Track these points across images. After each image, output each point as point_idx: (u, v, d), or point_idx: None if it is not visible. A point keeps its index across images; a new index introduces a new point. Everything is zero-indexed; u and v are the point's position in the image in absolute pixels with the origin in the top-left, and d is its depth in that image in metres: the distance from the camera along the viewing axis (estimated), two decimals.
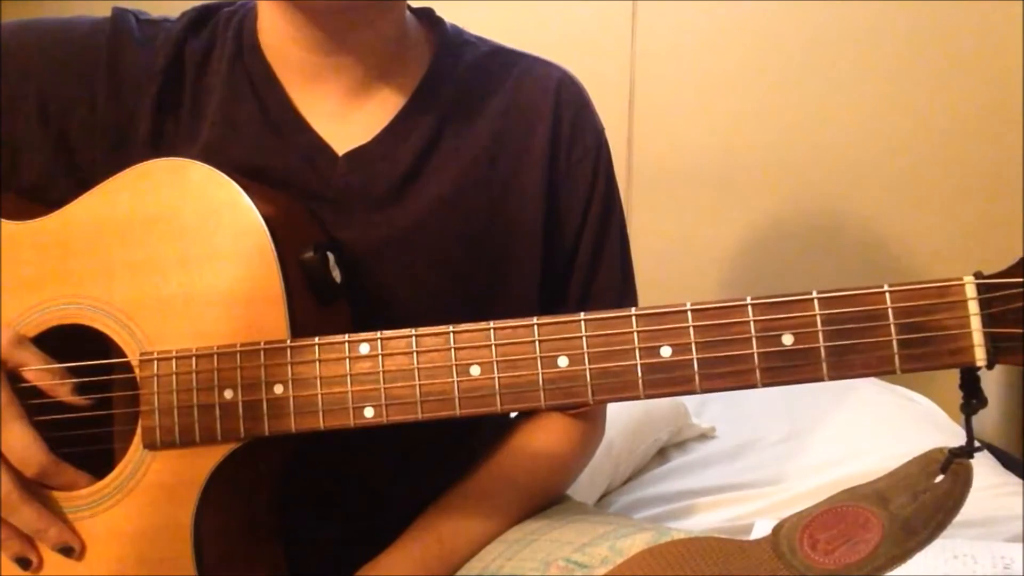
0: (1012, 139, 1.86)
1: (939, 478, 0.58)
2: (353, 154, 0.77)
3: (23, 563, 0.68)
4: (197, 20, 0.80)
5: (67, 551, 0.68)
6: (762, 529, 1.17)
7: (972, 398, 0.57)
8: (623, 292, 0.84)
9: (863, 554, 0.56)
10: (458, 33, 0.85)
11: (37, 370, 0.68)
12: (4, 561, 0.69)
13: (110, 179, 0.70)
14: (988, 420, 1.82)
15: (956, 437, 1.56)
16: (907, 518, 0.56)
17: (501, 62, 0.83)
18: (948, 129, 1.89)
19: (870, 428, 1.48)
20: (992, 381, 1.75)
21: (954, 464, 0.58)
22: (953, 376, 0.58)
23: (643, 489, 1.34)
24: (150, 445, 0.66)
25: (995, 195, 1.89)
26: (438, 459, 0.82)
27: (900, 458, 1.40)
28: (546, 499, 0.85)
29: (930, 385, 1.72)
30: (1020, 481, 1.36)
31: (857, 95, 1.90)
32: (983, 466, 1.41)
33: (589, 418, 0.86)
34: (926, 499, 0.57)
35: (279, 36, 0.77)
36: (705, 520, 1.24)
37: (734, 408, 1.58)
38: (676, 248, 1.95)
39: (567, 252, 0.83)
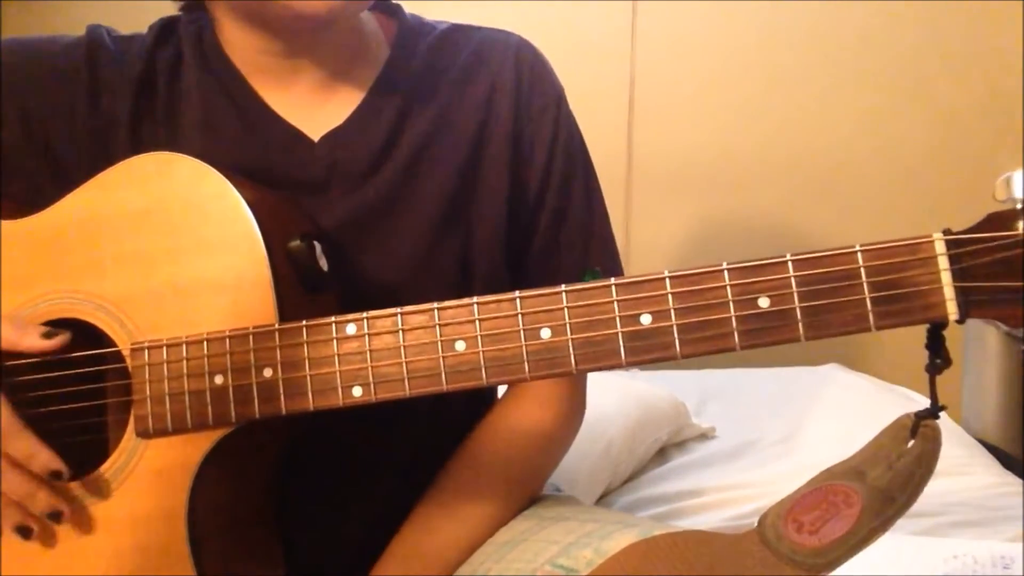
0: (1012, 141, 1.87)
1: (910, 444, 0.59)
2: (329, 136, 0.79)
3: (23, 532, 0.68)
4: (163, 31, 0.83)
5: (56, 516, 0.68)
6: None
7: (936, 357, 0.58)
8: (587, 248, 0.85)
9: (846, 528, 0.57)
10: (416, 18, 0.88)
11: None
12: (5, 559, 0.70)
13: (99, 175, 0.72)
14: (988, 420, 1.82)
15: (955, 437, 1.57)
16: (884, 487, 0.58)
17: (461, 35, 0.86)
18: (948, 130, 1.91)
19: (869, 428, 1.47)
20: (992, 380, 1.76)
21: (922, 427, 0.59)
22: (953, 376, 0.59)
23: (643, 489, 1.35)
24: (143, 433, 0.67)
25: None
26: (436, 444, 0.83)
27: None
28: (534, 479, 0.86)
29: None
30: (1020, 481, 1.36)
31: (858, 95, 1.92)
32: (983, 466, 1.42)
33: (567, 389, 0.86)
34: (900, 466, 0.58)
35: (242, 45, 0.79)
36: (705, 520, 1.24)
37: (734, 408, 1.59)
38: (675, 247, 1.96)
39: (532, 203, 0.84)
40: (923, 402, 1.66)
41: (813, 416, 1.53)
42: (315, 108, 0.80)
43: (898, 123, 1.92)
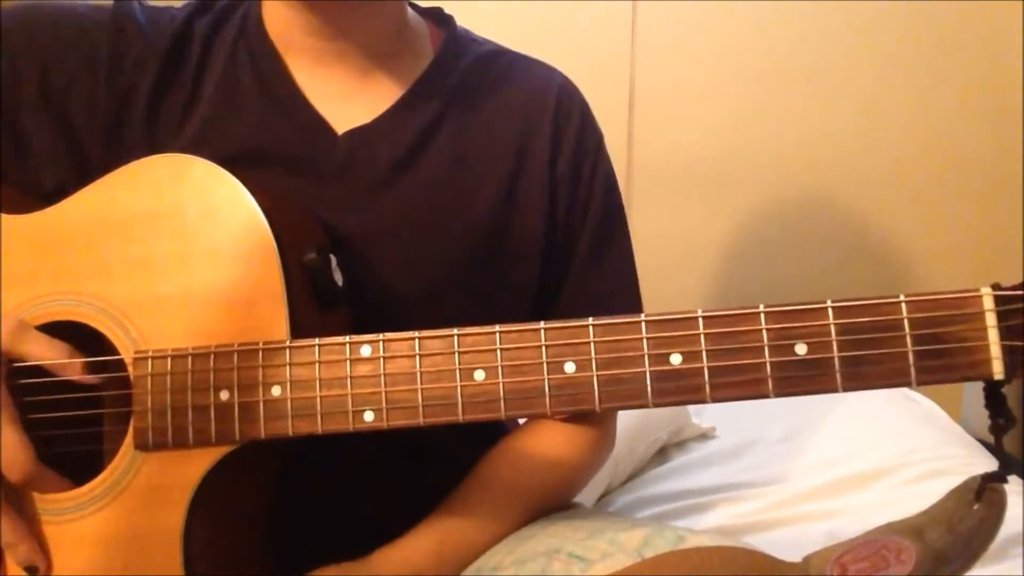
0: (1012, 140, 1.85)
1: (975, 507, 0.57)
2: (353, 133, 0.77)
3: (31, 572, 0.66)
4: (201, 6, 0.81)
5: (32, 571, 0.66)
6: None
7: (999, 416, 0.56)
8: (613, 295, 0.83)
9: None
10: (466, 32, 0.86)
11: (47, 364, 0.66)
12: None
13: (109, 175, 0.69)
14: (988, 420, 1.81)
15: (955, 437, 1.56)
16: (941, 549, 0.56)
17: (505, 61, 0.85)
18: (948, 130, 1.89)
19: (870, 428, 1.48)
20: None
21: (987, 490, 0.57)
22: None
23: (643, 489, 1.34)
24: (142, 446, 0.64)
25: (995, 196, 1.88)
26: (441, 456, 0.81)
27: (900, 457, 1.39)
28: (550, 506, 0.84)
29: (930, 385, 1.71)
30: (1020, 481, 1.35)
31: (857, 95, 1.90)
32: (983, 466, 1.41)
33: (596, 424, 0.84)
34: (961, 529, 0.56)
35: (282, 21, 0.77)
36: (705, 520, 1.24)
37: (734, 408, 1.57)
38: (675, 247, 1.95)
39: (565, 255, 0.82)
40: (924, 403, 1.66)
41: (813, 416, 1.51)
42: (346, 100, 0.78)
43: (898, 122, 1.90)
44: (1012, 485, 1.30)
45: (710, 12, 1.89)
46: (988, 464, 1.44)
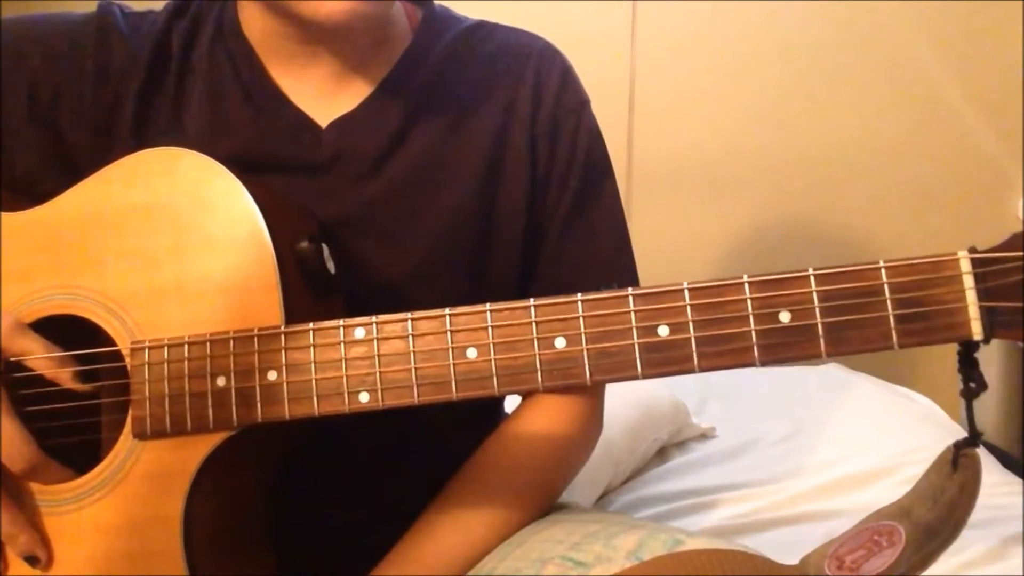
0: (1012, 141, 1.86)
1: (954, 476, 0.58)
2: (337, 123, 0.78)
3: (31, 561, 0.67)
4: (179, 8, 0.82)
5: (32, 560, 0.67)
6: None
7: (971, 381, 0.57)
8: (602, 262, 0.83)
9: (886, 565, 0.57)
10: (444, 9, 0.86)
11: (40, 357, 0.67)
12: None
13: (103, 169, 0.70)
14: (988, 420, 1.82)
15: (954, 436, 1.56)
16: (929, 523, 0.57)
17: (484, 34, 0.85)
18: (949, 131, 1.90)
19: (870, 427, 1.48)
20: (992, 380, 1.75)
21: (961, 457, 0.58)
22: (953, 376, 0.58)
23: (643, 489, 1.34)
24: (140, 435, 0.65)
25: (996, 196, 1.89)
26: (441, 447, 0.81)
27: (900, 456, 1.39)
28: (548, 486, 0.84)
29: (930, 384, 1.72)
30: (1020, 481, 1.36)
31: (857, 95, 1.91)
32: (983, 466, 1.41)
33: (585, 397, 0.84)
34: (945, 500, 0.57)
35: (259, 26, 0.78)
36: (705, 520, 1.24)
37: (734, 408, 1.57)
38: (675, 248, 1.95)
39: (549, 215, 0.82)
40: (923, 402, 1.66)
41: (813, 416, 1.52)
42: (328, 96, 0.79)
43: (899, 122, 1.91)
44: (1012, 485, 1.32)
45: (710, 13, 1.90)
46: (989, 464, 1.44)
